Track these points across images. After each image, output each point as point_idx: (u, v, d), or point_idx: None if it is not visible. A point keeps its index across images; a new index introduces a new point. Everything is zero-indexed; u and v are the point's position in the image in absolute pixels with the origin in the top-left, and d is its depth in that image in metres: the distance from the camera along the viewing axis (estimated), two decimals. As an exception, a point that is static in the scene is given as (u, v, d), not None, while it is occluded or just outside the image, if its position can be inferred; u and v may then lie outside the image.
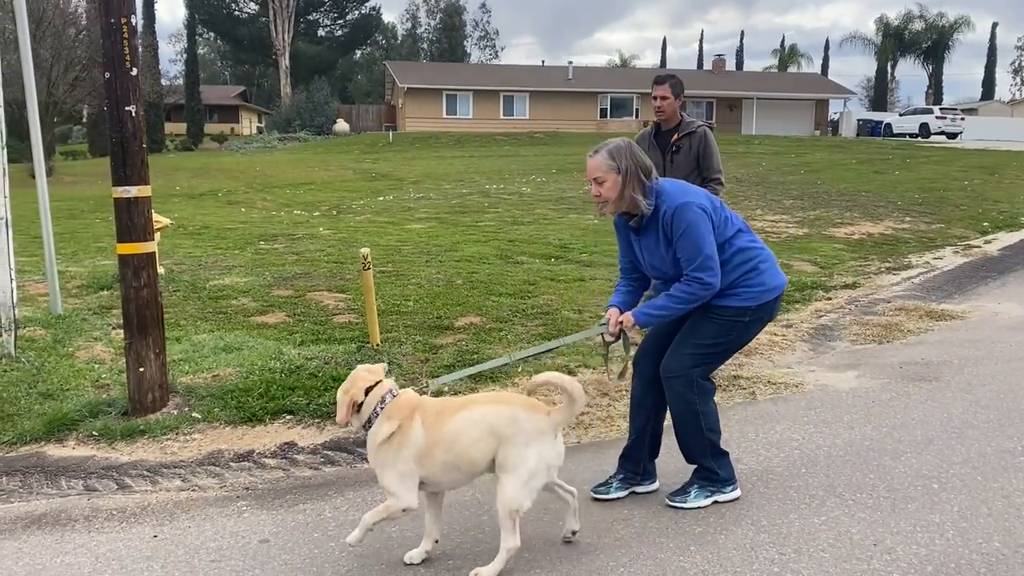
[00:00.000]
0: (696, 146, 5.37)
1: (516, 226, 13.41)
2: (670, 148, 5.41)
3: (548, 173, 23.33)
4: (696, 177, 5.34)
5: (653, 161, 5.22)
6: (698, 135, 5.39)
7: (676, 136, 5.40)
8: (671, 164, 5.37)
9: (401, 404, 3.14)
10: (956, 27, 56.71)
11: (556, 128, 45.32)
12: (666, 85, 5.35)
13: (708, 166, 5.39)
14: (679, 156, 5.38)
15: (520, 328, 6.86)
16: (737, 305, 3.53)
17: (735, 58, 74.39)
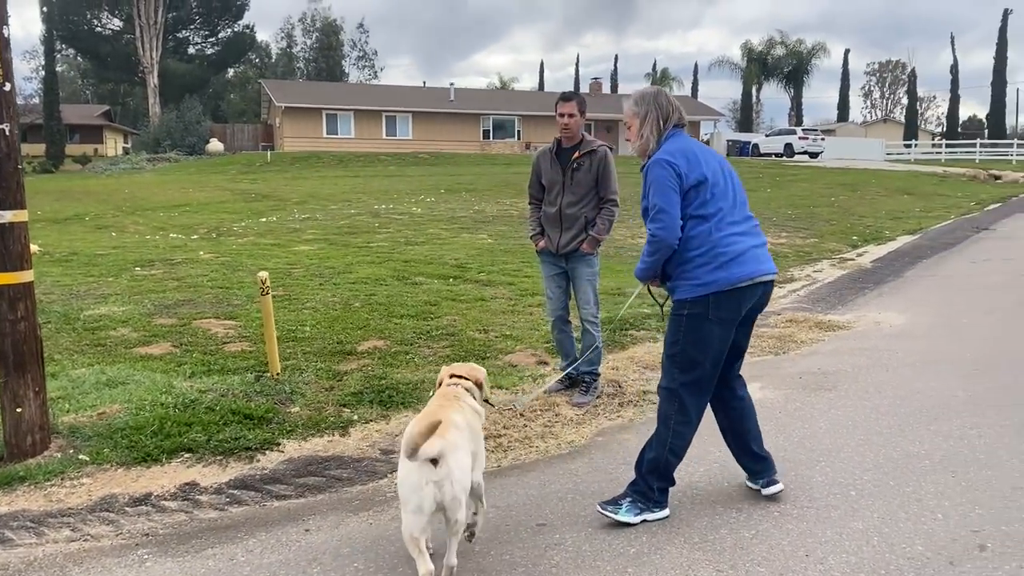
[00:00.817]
0: (596, 165, 5.39)
1: (410, 246, 13.22)
2: (571, 165, 5.41)
3: (437, 193, 23.21)
4: (594, 196, 5.41)
5: (553, 177, 5.48)
6: (599, 155, 5.42)
7: (577, 154, 5.40)
8: (571, 181, 5.40)
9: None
10: (814, 53, 60.34)
11: (440, 148, 45.32)
12: (573, 103, 5.36)
13: (605, 187, 5.41)
14: (579, 173, 5.39)
15: (427, 351, 6.70)
16: (676, 298, 3.61)
17: (610, 81, 76.55)
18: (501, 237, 14.58)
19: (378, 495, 4.12)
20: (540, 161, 5.59)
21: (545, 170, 5.52)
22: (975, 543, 3.23)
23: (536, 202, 5.69)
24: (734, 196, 3.64)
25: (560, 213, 5.42)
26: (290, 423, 4.98)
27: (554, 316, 5.71)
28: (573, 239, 5.42)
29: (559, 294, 5.67)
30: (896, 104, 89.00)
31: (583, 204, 5.39)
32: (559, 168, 5.44)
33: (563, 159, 5.46)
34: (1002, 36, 68.64)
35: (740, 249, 3.53)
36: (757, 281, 3.56)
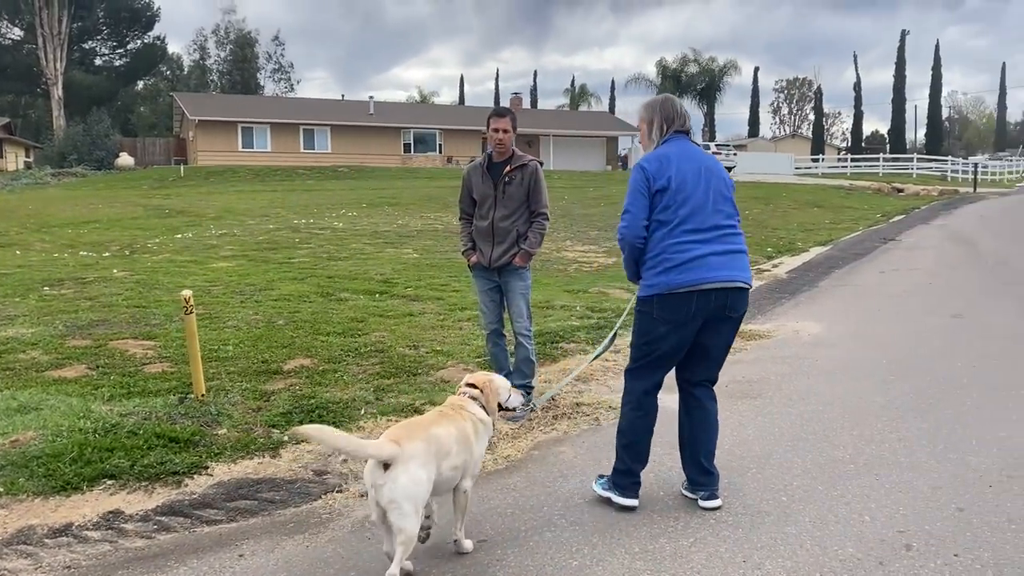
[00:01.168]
0: (528, 180, 5.47)
1: (333, 262, 13.02)
2: (503, 179, 5.46)
3: (359, 207, 22.97)
4: (526, 210, 5.49)
5: (485, 191, 5.53)
6: (530, 169, 5.50)
7: (509, 168, 5.46)
8: (503, 195, 5.47)
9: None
10: (725, 70, 62.28)
11: (360, 162, 44.92)
12: (507, 119, 5.45)
13: (536, 200, 5.50)
14: (511, 187, 5.46)
15: (356, 368, 6.60)
16: (636, 295, 3.91)
17: (530, 96, 77.40)
18: (427, 252, 14.52)
19: (313, 517, 4.03)
20: (471, 176, 5.64)
21: (476, 184, 5.57)
22: (902, 543, 3.36)
23: (467, 217, 5.72)
24: (704, 204, 3.72)
25: (492, 227, 5.47)
26: (218, 445, 4.83)
27: (488, 330, 5.73)
28: (505, 252, 5.47)
29: (492, 308, 5.69)
30: (804, 120, 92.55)
31: (515, 218, 5.46)
32: (491, 182, 5.49)
33: (495, 173, 5.51)
34: (901, 55, 72.25)
35: (688, 257, 3.65)
36: (702, 288, 3.65)
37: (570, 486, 4.25)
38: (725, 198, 3.82)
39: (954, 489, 3.85)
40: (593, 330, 8.03)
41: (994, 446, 4.43)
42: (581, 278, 11.50)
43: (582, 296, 9.89)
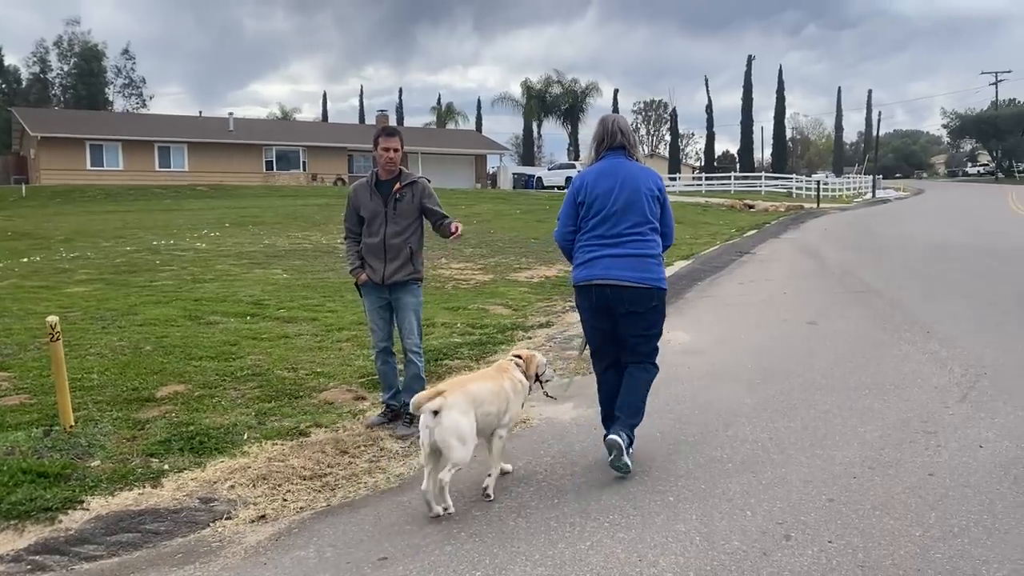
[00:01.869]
0: (419, 195, 5.56)
1: (198, 284, 12.54)
2: (393, 196, 5.51)
3: (221, 227, 22.19)
4: (419, 225, 5.61)
5: (375, 209, 5.57)
6: (420, 185, 5.62)
7: (399, 185, 5.53)
8: (394, 212, 5.52)
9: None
10: (588, 92, 64.20)
11: (220, 180, 43.38)
12: (396, 138, 5.55)
13: (437, 211, 5.61)
14: (402, 204, 5.52)
15: (233, 392, 6.41)
16: None
17: (396, 114, 77.15)
18: (297, 272, 14.21)
19: (202, 546, 3.90)
20: (358, 194, 5.65)
21: (365, 203, 5.59)
22: (781, 533, 3.60)
23: (353, 235, 5.72)
24: (612, 214, 4.46)
25: (384, 243, 5.50)
26: (92, 478, 4.59)
27: (379, 348, 5.72)
28: (399, 269, 5.52)
29: (383, 325, 5.70)
30: (660, 140, 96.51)
31: (407, 234, 5.53)
32: (380, 200, 5.53)
33: (383, 190, 5.56)
34: (748, 79, 76.73)
35: (589, 257, 4.50)
36: (592, 284, 4.48)
37: (465, 500, 4.29)
38: (637, 209, 4.48)
39: (823, 482, 4.16)
40: (476, 346, 8.10)
41: (855, 440, 4.80)
42: (459, 295, 11.58)
43: (462, 313, 9.96)
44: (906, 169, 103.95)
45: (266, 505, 4.34)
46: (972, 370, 6.30)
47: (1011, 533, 3.47)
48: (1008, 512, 3.68)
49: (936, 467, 4.30)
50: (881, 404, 5.56)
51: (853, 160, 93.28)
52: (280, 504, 4.36)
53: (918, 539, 3.46)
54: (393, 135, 5.55)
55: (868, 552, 3.35)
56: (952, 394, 5.69)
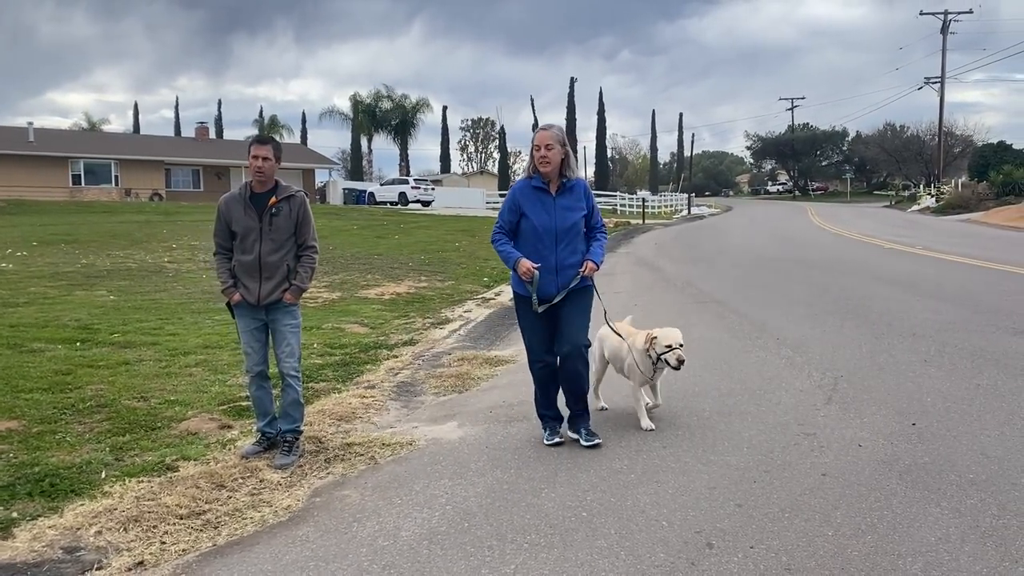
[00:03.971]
0: (296, 211, 5.21)
1: (11, 309, 11.31)
2: (268, 211, 5.14)
3: (28, 246, 20.24)
4: (293, 243, 5.23)
5: (248, 224, 5.18)
6: (298, 200, 5.25)
7: (275, 199, 5.16)
8: (270, 227, 5.15)
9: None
10: (419, 108, 64.10)
11: (20, 195, 39.68)
12: (268, 147, 5.16)
13: (305, 233, 5.25)
14: (279, 219, 5.16)
15: (79, 426, 5.79)
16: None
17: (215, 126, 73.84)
18: (125, 293, 13.17)
19: (73, 603, 3.43)
20: (230, 207, 5.22)
21: (238, 217, 5.17)
22: (703, 542, 3.62)
23: (224, 252, 5.29)
24: None
25: (260, 261, 5.13)
26: (-70, 537, 3.95)
27: (253, 372, 5.30)
28: (275, 289, 5.16)
29: (258, 348, 5.29)
30: (489, 157, 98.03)
31: (284, 251, 5.19)
32: (255, 214, 5.15)
33: (258, 204, 5.17)
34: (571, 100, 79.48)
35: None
36: None
37: (368, 530, 4.05)
38: None
39: (727, 488, 4.24)
40: (339, 367, 7.78)
41: (743, 445, 4.95)
42: (310, 314, 11.09)
43: (317, 333, 9.55)
44: (715, 187, 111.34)
45: (142, 550, 3.90)
46: (829, 373, 6.71)
47: (915, 526, 3.67)
48: (906, 507, 3.89)
49: (826, 468, 4.50)
50: (756, 408, 5.79)
51: (667, 179, 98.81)
52: (159, 548, 3.93)
53: (832, 539, 3.58)
54: (265, 143, 5.18)
55: (791, 555, 3.43)
56: (818, 396, 6.02)
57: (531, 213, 5.09)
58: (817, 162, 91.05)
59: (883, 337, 8.22)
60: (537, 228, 5.08)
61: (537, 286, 5.07)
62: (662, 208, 56.40)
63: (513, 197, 5.20)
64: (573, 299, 5.17)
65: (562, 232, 5.07)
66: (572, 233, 5.10)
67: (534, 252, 5.08)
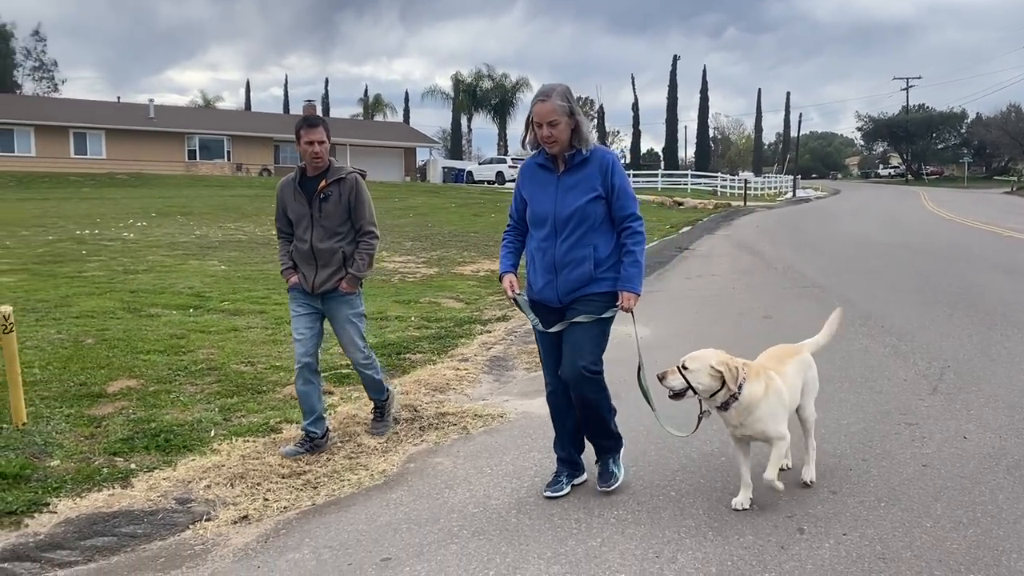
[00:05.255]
0: (347, 194, 4.84)
1: (131, 275, 12.00)
2: (317, 196, 4.81)
3: (148, 217, 21.36)
4: (349, 228, 4.90)
5: (300, 211, 4.90)
6: (348, 182, 4.86)
7: (324, 183, 4.81)
8: (320, 214, 4.82)
9: (759, 369, 3.83)
10: (518, 87, 64.21)
11: (140, 169, 41.84)
12: (320, 128, 4.78)
13: (360, 217, 4.88)
14: (328, 205, 4.81)
15: (191, 387, 6.12)
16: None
17: (322, 104, 75.70)
18: (234, 263, 13.76)
19: (185, 549, 3.67)
20: (284, 192, 4.95)
21: (290, 203, 4.90)
22: (794, 527, 3.57)
23: (285, 235, 5.04)
24: None
25: (312, 250, 4.82)
26: (56, 479, 4.29)
27: (300, 363, 4.89)
28: (330, 277, 4.84)
29: (309, 336, 4.91)
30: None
31: (338, 238, 4.85)
32: (304, 200, 4.84)
33: (308, 190, 4.85)
34: (673, 79, 78.05)
35: None
36: None
37: (459, 497, 4.16)
38: None
39: (821, 475, 4.15)
40: (435, 340, 7.94)
41: (841, 433, 4.83)
42: (408, 288, 11.37)
43: (415, 307, 9.77)
44: (821, 170, 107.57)
45: (247, 505, 4.12)
46: (936, 363, 6.45)
47: (1021, 522, 3.52)
48: (1012, 503, 3.74)
49: (928, 459, 4.35)
50: (856, 397, 5.63)
51: (771, 160, 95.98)
52: (262, 504, 4.15)
53: (931, 530, 3.48)
54: (316, 126, 4.79)
55: (886, 544, 3.35)
56: (922, 386, 5.80)
57: (531, 197, 4.09)
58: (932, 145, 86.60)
59: (996, 328, 7.84)
60: (537, 216, 4.05)
61: (526, 306, 4.15)
62: (765, 190, 54.88)
63: (519, 178, 4.28)
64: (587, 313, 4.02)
65: (561, 221, 3.95)
66: (574, 222, 3.93)
67: (537, 249, 4.07)
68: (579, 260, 3.95)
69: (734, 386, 3.64)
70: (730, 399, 3.67)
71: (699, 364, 3.70)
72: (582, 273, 3.96)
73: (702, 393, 3.73)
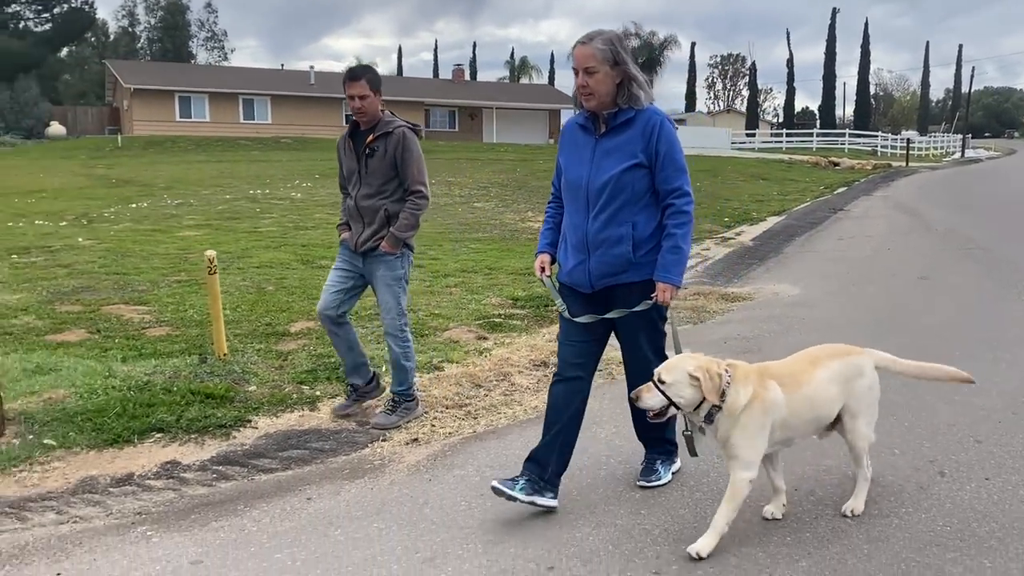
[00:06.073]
0: (392, 150, 4.50)
1: (301, 231, 12.97)
2: (364, 151, 4.55)
3: (312, 178, 22.71)
4: (397, 186, 4.58)
5: (350, 166, 4.69)
6: (394, 137, 4.51)
7: (371, 137, 4.52)
8: (366, 170, 4.55)
9: (749, 372, 3.15)
10: (666, 45, 62.77)
11: (302, 133, 44.17)
12: (363, 81, 4.45)
13: (406, 174, 4.53)
14: (373, 161, 4.53)
15: (361, 330, 6.67)
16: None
17: (469, 68, 76.93)
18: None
19: (366, 464, 4.17)
20: (339, 148, 4.78)
21: (342, 158, 4.75)
22: (935, 471, 3.67)
23: (344, 192, 4.85)
24: None
25: (358, 207, 4.60)
26: (254, 401, 4.93)
27: (320, 313, 4.77)
28: (372, 236, 4.56)
29: (334, 290, 4.72)
30: (737, 95, 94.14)
31: (382, 196, 4.55)
32: (353, 155, 4.63)
33: (358, 144, 4.61)
34: (832, 33, 74.07)
35: None
36: None
37: (606, 431, 4.47)
38: None
39: (967, 425, 4.20)
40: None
41: (992, 389, 4.79)
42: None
43: (562, 262, 10.11)
44: (996, 128, 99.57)
45: (417, 430, 4.60)
46: (1106, 328, 6.19)
47: None
48: None
49: (1084, 415, 4.30)
50: (1011, 355, 5.52)
51: (939, 118, 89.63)
52: (429, 429, 4.62)
53: (1079, 480, 3.50)
54: (356, 78, 4.46)
55: (1030, 490, 3.42)
56: (1086, 349, 5.61)
57: (566, 162, 3.52)
58: None
59: None
60: (570, 184, 3.48)
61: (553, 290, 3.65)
62: (930, 150, 51.51)
63: (560, 141, 3.70)
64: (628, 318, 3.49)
65: (594, 192, 3.36)
66: (608, 194, 3.34)
67: (569, 225, 3.51)
68: (614, 240, 3.35)
69: (713, 397, 3.02)
70: (713, 409, 3.07)
71: (676, 375, 3.06)
72: (618, 255, 3.36)
73: (686, 407, 3.09)
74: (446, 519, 3.49)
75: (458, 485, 3.83)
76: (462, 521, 3.46)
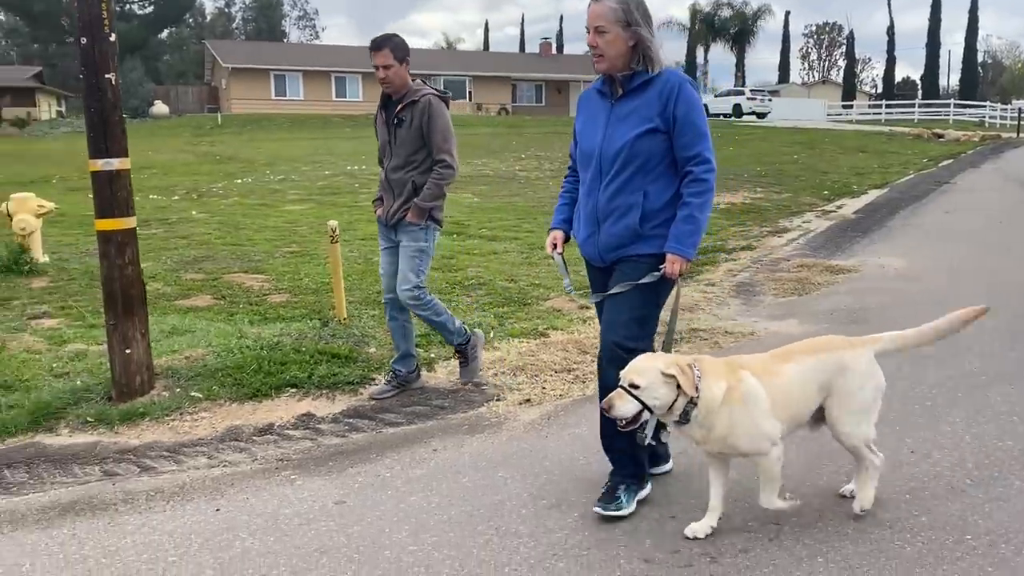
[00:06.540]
0: (418, 118, 4.43)
1: (400, 204, 13.32)
2: (393, 121, 4.52)
3: (404, 154, 23.17)
4: (425, 156, 4.50)
5: (383, 137, 4.63)
6: (420, 106, 4.43)
7: (400, 107, 4.47)
8: (395, 140, 4.51)
9: (717, 364, 2.98)
10: (760, 14, 61.18)
11: (392, 110, 44.83)
12: (386, 50, 4.38)
13: (432, 143, 4.45)
14: (401, 131, 4.47)
15: (466, 299, 6.96)
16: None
17: (556, 41, 76.45)
18: (485, 196, 14.78)
19: (483, 421, 4.40)
20: (375, 121, 4.76)
21: (379, 130, 4.69)
22: None
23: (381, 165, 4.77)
24: None
25: (388, 179, 4.58)
26: (376, 361, 5.22)
27: (386, 297, 4.80)
28: (400, 207, 4.53)
29: (390, 273, 4.70)
30: (833, 66, 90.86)
31: (410, 167, 4.50)
32: (385, 126, 4.59)
33: (389, 116, 4.57)
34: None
35: None
36: None
37: (715, 396, 4.57)
38: None
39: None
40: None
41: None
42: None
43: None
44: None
45: (529, 391, 4.80)
46: None
47: None
48: None
49: None
50: None
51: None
52: (541, 391, 4.81)
53: None
54: (379, 48, 4.39)
55: None
56: None
57: (581, 130, 3.34)
58: None
59: None
60: (584, 152, 3.30)
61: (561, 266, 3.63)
62: (1044, 121, 48.75)
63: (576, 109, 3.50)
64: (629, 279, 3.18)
65: (607, 159, 3.17)
66: (621, 161, 3.13)
67: (583, 195, 3.33)
68: (624, 209, 3.15)
69: (692, 390, 2.84)
70: (688, 406, 2.88)
71: (649, 376, 2.84)
72: (626, 226, 3.16)
73: (660, 409, 2.88)
74: (566, 472, 3.68)
75: (574, 442, 4.02)
76: (580, 474, 3.65)
